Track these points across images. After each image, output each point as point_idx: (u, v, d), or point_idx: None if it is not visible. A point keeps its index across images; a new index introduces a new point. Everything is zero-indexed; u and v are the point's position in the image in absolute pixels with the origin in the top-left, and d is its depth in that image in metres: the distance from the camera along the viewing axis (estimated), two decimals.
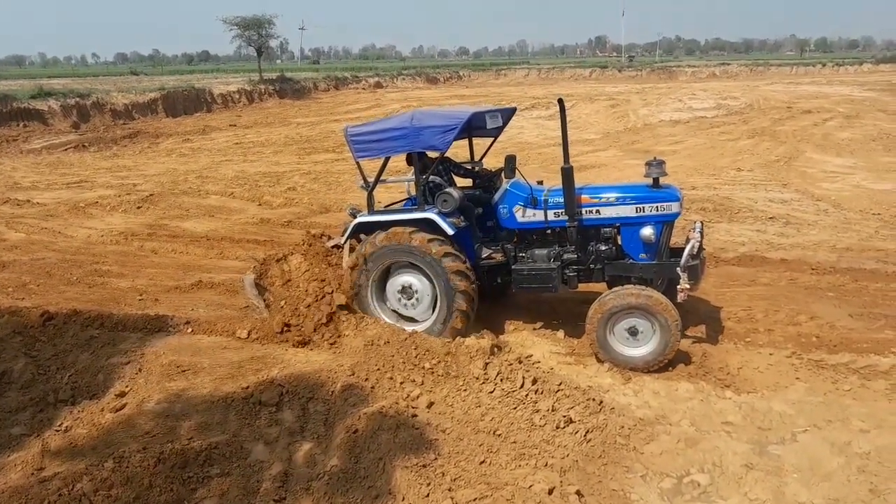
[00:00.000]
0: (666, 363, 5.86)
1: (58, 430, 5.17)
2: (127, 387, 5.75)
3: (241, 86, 44.34)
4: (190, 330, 6.81)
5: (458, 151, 7.58)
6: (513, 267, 6.56)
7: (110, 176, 17.55)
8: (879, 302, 7.30)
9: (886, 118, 25.27)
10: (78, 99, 31.76)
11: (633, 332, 5.90)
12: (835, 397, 5.40)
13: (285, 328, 6.49)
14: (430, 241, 6.20)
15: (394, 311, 6.68)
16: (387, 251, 6.38)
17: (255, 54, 57.71)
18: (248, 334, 6.64)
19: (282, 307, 6.65)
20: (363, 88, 56.19)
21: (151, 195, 14.25)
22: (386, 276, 6.62)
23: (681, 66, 73.11)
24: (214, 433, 4.95)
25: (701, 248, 6.22)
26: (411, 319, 6.59)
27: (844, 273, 8.23)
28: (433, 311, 6.46)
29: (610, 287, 6.36)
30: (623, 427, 4.97)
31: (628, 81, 59.77)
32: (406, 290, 6.49)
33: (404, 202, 7.42)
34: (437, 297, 6.38)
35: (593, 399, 5.20)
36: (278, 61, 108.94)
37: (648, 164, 6.26)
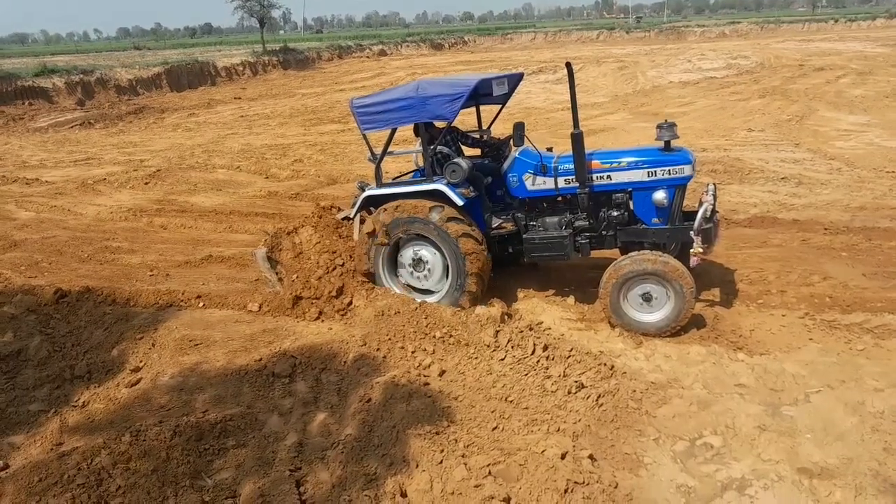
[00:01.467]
0: (678, 329, 5.84)
1: (75, 406, 5.25)
2: (141, 362, 5.82)
3: (244, 58, 44.00)
4: (202, 304, 6.85)
5: (466, 119, 7.50)
6: (524, 236, 6.51)
7: (117, 152, 17.54)
8: (894, 260, 7.22)
9: None
10: (82, 76, 31.67)
11: (647, 297, 5.87)
12: (848, 357, 5.37)
13: (297, 300, 6.51)
14: (430, 208, 6.16)
15: (408, 285, 6.65)
16: (393, 225, 6.34)
17: (258, 25, 57.18)
18: (260, 307, 6.67)
19: (293, 281, 6.66)
20: (367, 57, 55.61)
21: (159, 171, 14.24)
22: (396, 250, 6.59)
23: (689, 27, 71.84)
24: (229, 405, 5.00)
25: (714, 211, 6.14)
26: (427, 291, 6.58)
27: (858, 232, 8.14)
28: (446, 279, 6.44)
29: (623, 253, 6.31)
30: (635, 391, 4.97)
31: (636, 43, 58.86)
32: (417, 263, 6.47)
33: (412, 173, 7.36)
34: (447, 265, 6.36)
35: (605, 364, 5.21)
36: (281, 32, 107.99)
37: (659, 126, 6.15)
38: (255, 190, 12.39)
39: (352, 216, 6.97)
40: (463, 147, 7.23)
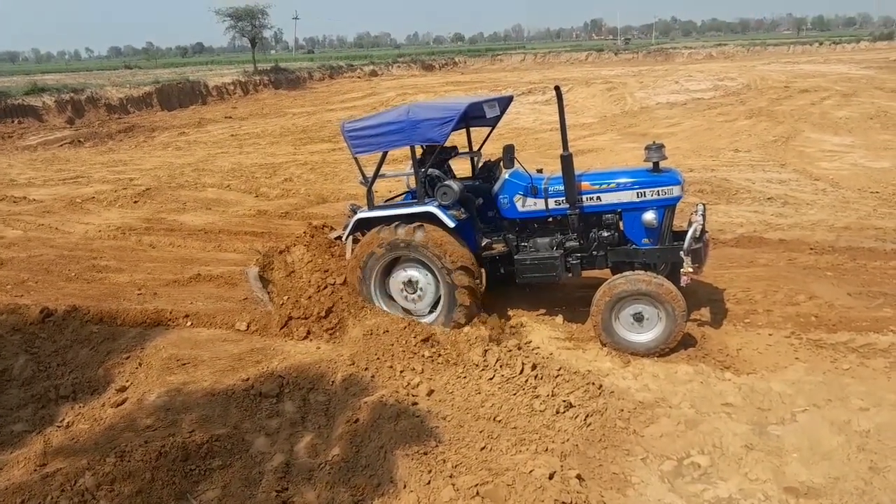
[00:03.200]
0: (667, 351, 5.87)
1: (59, 426, 5.19)
2: (127, 381, 5.77)
3: (235, 77, 44.13)
4: (189, 323, 6.82)
5: (456, 140, 7.54)
6: (515, 257, 6.53)
7: (106, 171, 17.49)
8: (878, 280, 7.30)
9: (884, 96, 25.20)
10: (72, 94, 31.61)
11: (638, 318, 5.89)
12: (834, 376, 5.41)
13: (288, 321, 6.48)
14: (434, 235, 6.16)
15: (401, 306, 6.64)
16: (389, 248, 6.34)
17: (250, 45, 57.39)
18: (248, 326, 6.65)
19: (283, 302, 6.64)
20: (358, 77, 55.93)
21: (148, 189, 14.21)
22: (389, 270, 6.59)
23: (677, 48, 72.85)
24: (215, 426, 4.96)
25: (704, 231, 6.20)
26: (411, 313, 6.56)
27: (843, 252, 8.22)
28: (436, 305, 6.44)
29: (614, 273, 6.34)
30: (623, 410, 4.98)
31: (625, 64, 59.54)
32: (410, 284, 6.46)
33: (404, 195, 7.39)
34: (440, 291, 6.36)
35: (593, 383, 5.22)
36: (273, 52, 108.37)
37: (648, 147, 6.22)
38: (245, 209, 12.38)
39: (344, 238, 6.98)
40: (454, 168, 7.28)
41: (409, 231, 6.22)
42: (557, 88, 6.33)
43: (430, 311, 6.51)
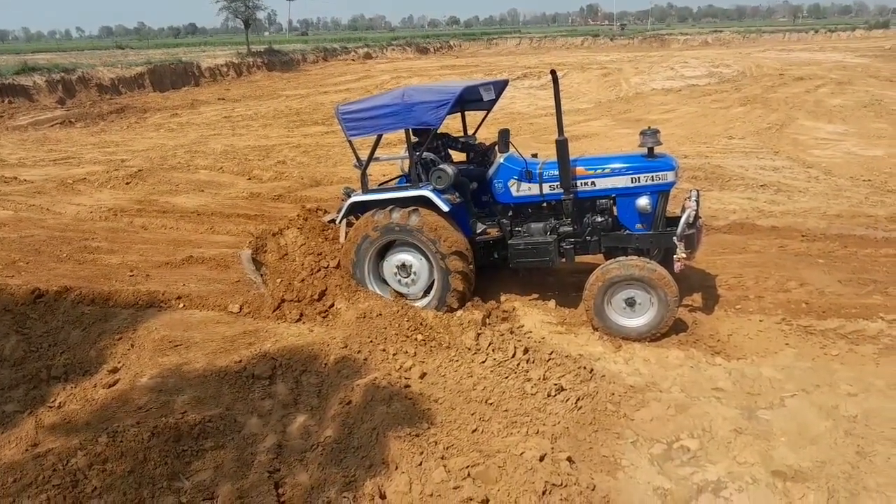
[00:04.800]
0: (659, 336, 5.90)
1: (51, 407, 5.19)
2: (119, 362, 5.76)
3: (228, 59, 43.72)
4: (182, 305, 6.81)
5: (451, 124, 7.52)
6: (509, 242, 6.53)
7: (98, 152, 17.36)
8: (868, 267, 7.35)
9: (878, 84, 25.22)
10: (63, 74, 31.22)
11: (630, 302, 5.92)
12: (823, 362, 5.46)
13: (281, 304, 6.48)
14: (429, 220, 6.15)
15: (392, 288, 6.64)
16: (384, 231, 6.33)
17: (243, 26, 56.92)
18: (240, 308, 6.64)
19: (276, 285, 6.63)
20: (353, 60, 55.51)
21: (140, 171, 14.10)
22: (382, 253, 6.59)
23: (673, 34, 72.59)
24: (208, 407, 4.97)
25: (697, 217, 6.22)
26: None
27: (834, 239, 8.27)
28: (430, 289, 6.45)
29: (607, 259, 6.36)
30: (614, 394, 5.02)
31: (620, 50, 59.28)
32: (404, 268, 6.47)
33: (398, 179, 7.37)
34: (433, 276, 6.37)
35: (584, 367, 5.25)
36: (266, 33, 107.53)
37: (643, 133, 6.22)
38: (238, 191, 12.33)
39: (338, 221, 6.97)
40: (452, 153, 7.26)
41: (404, 215, 6.21)
42: (554, 73, 6.31)
43: (424, 295, 6.52)
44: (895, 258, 7.59)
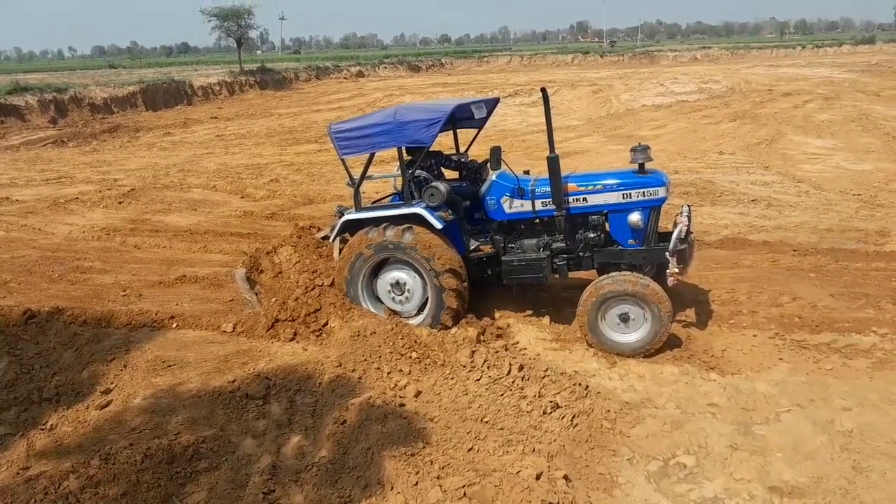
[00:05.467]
0: (653, 352, 5.91)
1: (43, 429, 5.13)
2: (112, 383, 5.72)
3: (221, 77, 43.86)
4: (175, 325, 6.78)
5: (443, 142, 7.55)
6: (503, 258, 6.55)
7: (90, 171, 17.33)
8: (860, 281, 7.39)
9: (865, 99, 25.51)
10: (55, 94, 31.23)
11: (624, 318, 5.92)
12: (817, 377, 5.47)
13: (275, 323, 6.46)
14: (423, 238, 6.15)
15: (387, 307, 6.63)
16: (377, 249, 6.33)
17: (235, 45, 57.10)
18: (234, 328, 6.61)
19: (271, 304, 6.61)
20: (345, 78, 55.81)
21: (133, 190, 14.09)
22: (376, 271, 6.58)
23: (662, 51, 73.34)
24: (202, 428, 4.93)
25: (689, 232, 6.25)
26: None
27: (825, 254, 8.32)
28: (424, 307, 6.44)
29: (600, 275, 6.37)
30: (609, 411, 5.01)
31: (610, 67, 59.86)
32: (397, 286, 6.46)
33: (391, 197, 7.39)
34: (427, 293, 6.36)
35: (579, 384, 5.24)
36: (259, 52, 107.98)
37: (633, 149, 6.26)
38: (231, 210, 12.32)
39: (331, 240, 6.97)
40: (444, 170, 7.29)
41: (397, 233, 6.22)
42: (544, 90, 6.36)
43: (418, 313, 6.51)
44: (886, 272, 7.63)
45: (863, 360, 5.69)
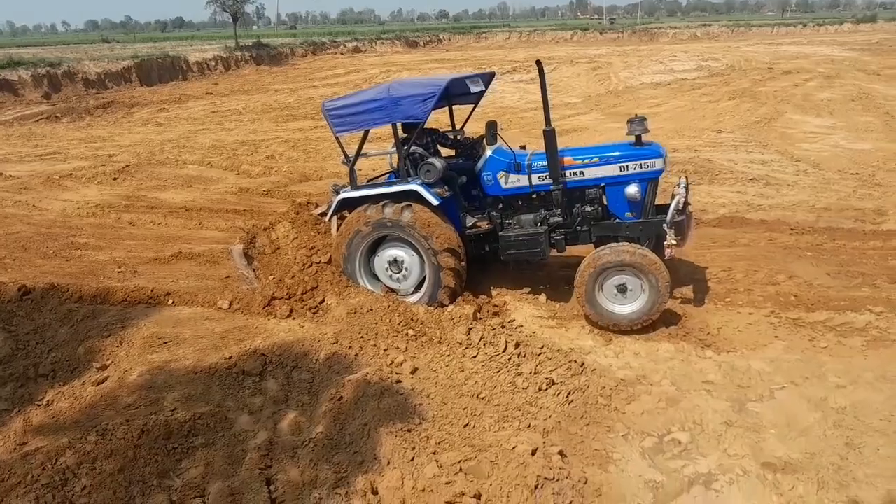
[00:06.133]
0: (650, 324, 5.91)
1: (39, 405, 5.14)
2: (108, 360, 5.71)
3: (216, 53, 43.42)
4: (171, 301, 6.75)
5: (439, 118, 7.50)
6: (500, 234, 6.53)
7: (84, 147, 17.19)
8: (856, 260, 7.39)
9: (865, 78, 25.36)
10: (49, 68, 30.91)
11: (622, 289, 5.91)
12: (812, 354, 5.50)
13: (272, 300, 6.45)
14: (421, 216, 6.12)
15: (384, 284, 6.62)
16: (376, 227, 6.30)
17: (231, 20, 56.49)
18: (230, 305, 6.59)
19: (268, 280, 6.59)
20: (341, 53, 55.28)
21: (128, 166, 13.99)
22: (374, 248, 6.56)
23: (662, 28, 72.67)
24: (198, 404, 4.94)
25: (686, 204, 6.23)
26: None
27: (822, 232, 8.31)
28: (421, 285, 6.43)
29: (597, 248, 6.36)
30: (604, 388, 5.03)
31: (610, 44, 59.39)
32: (395, 264, 6.44)
33: (387, 175, 7.34)
34: (425, 271, 6.35)
35: (575, 361, 5.26)
36: (254, 27, 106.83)
37: (630, 121, 6.22)
38: (227, 186, 12.25)
39: (327, 218, 6.93)
40: (441, 147, 7.24)
41: (396, 210, 6.19)
42: (539, 63, 6.29)
43: (415, 291, 6.50)
44: (882, 251, 7.64)
45: (857, 338, 5.71)
